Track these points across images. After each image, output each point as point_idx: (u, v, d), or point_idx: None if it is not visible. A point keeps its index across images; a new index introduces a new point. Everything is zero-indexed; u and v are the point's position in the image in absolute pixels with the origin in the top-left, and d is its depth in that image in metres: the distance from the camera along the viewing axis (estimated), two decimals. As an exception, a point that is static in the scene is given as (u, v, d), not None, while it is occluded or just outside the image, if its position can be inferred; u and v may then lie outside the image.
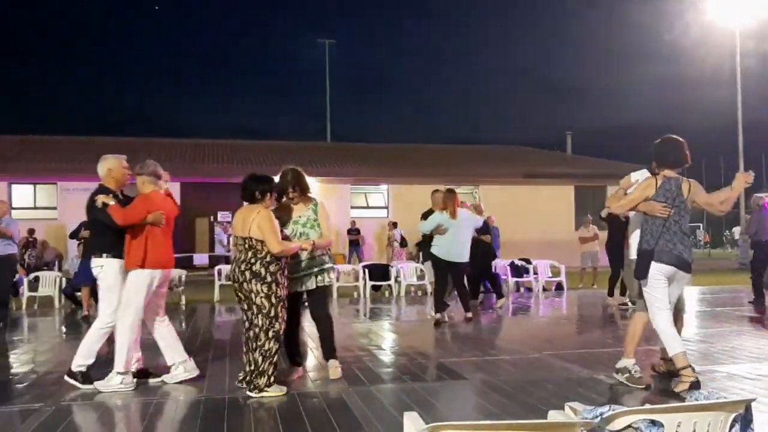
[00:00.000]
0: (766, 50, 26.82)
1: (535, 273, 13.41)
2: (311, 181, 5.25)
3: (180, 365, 5.21)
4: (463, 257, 8.44)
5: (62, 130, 23.03)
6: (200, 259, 19.63)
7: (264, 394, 4.64)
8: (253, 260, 4.66)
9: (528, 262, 13.68)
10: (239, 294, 4.77)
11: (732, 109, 24.72)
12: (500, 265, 13.15)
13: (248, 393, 4.68)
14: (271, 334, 4.67)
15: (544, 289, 13.33)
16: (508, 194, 23.42)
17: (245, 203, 4.86)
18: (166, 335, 5.29)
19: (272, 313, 4.66)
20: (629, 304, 10.05)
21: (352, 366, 5.65)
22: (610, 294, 10.59)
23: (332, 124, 34.34)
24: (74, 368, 5.06)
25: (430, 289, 11.54)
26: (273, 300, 4.66)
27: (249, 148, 25.99)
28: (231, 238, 5.14)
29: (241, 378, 4.91)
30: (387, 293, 13.09)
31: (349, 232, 21.69)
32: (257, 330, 4.68)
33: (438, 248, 8.40)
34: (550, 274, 13.62)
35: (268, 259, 4.67)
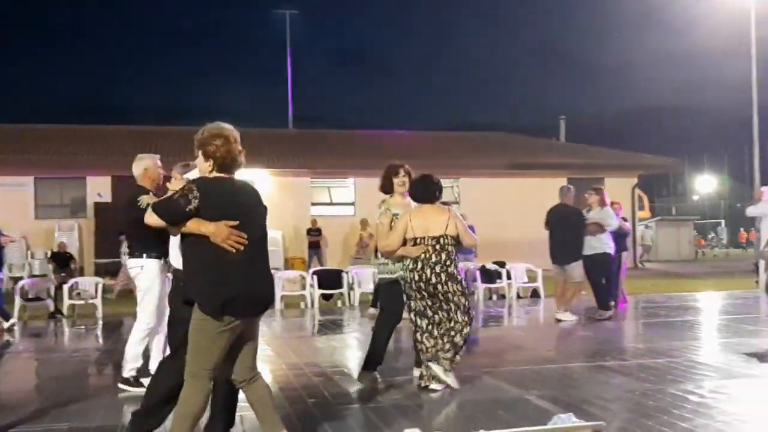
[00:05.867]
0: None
1: (509, 278, 13.52)
2: (265, 174, 5.66)
3: None
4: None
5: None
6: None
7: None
8: (448, 262, 5.52)
9: (502, 265, 13.78)
10: (423, 292, 5.53)
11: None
12: (471, 269, 13.25)
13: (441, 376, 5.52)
14: (470, 325, 5.66)
15: (519, 297, 13.46)
16: (492, 188, 23.51)
17: (421, 204, 5.71)
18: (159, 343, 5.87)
19: (468, 306, 5.62)
20: None
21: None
22: None
23: (296, 109, 34.23)
24: (126, 374, 5.78)
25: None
26: (467, 294, 5.66)
27: (191, 135, 25.86)
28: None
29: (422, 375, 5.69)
30: (339, 303, 13.14)
31: (309, 232, 21.61)
32: (457, 325, 5.53)
33: None
34: (526, 279, 13.74)
35: (456, 259, 5.62)
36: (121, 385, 5.78)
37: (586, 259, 9.83)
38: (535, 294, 13.60)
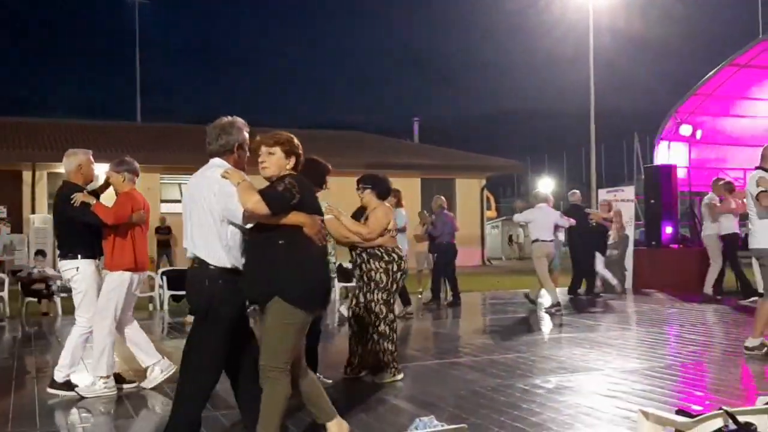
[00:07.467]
0: (620, 28, 29.02)
1: (365, 277, 13.59)
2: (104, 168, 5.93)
3: (156, 366, 5.81)
4: None
5: None
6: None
7: None
8: None
9: (357, 264, 13.81)
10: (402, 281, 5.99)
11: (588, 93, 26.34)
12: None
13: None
14: None
15: (374, 295, 13.55)
16: (346, 187, 23.61)
17: (382, 201, 6.14)
18: (138, 338, 5.90)
19: None
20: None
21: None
22: None
23: (144, 102, 32.87)
24: (60, 379, 5.50)
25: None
26: None
27: (31, 127, 24.30)
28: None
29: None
30: (191, 304, 12.71)
31: (158, 231, 20.76)
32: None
33: None
34: (381, 278, 13.84)
35: None
36: (51, 390, 5.51)
37: None
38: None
